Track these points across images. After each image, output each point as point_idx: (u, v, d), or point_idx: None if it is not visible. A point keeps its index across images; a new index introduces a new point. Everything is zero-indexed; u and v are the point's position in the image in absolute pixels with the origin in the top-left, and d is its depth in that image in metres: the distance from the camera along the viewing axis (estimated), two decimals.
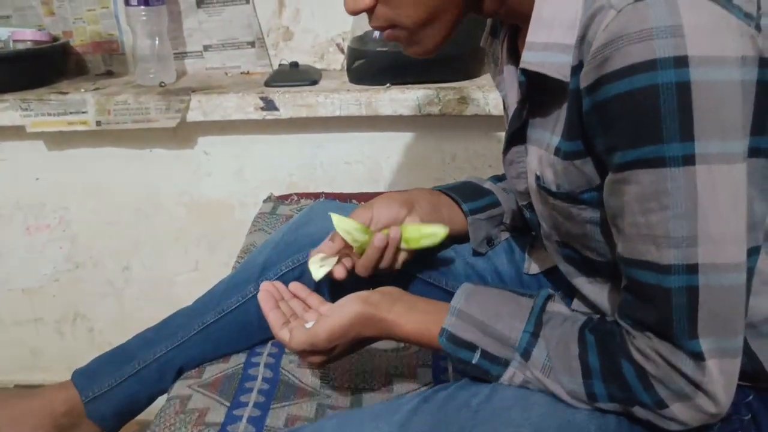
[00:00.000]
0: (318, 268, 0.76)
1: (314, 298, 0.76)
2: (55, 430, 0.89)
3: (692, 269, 0.51)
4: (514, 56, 0.70)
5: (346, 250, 0.77)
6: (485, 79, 1.31)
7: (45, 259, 1.51)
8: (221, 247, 1.48)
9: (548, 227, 0.69)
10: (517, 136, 0.67)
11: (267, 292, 0.74)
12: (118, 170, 1.44)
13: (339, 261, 0.77)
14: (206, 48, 1.49)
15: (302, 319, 0.72)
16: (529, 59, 0.59)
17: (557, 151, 0.60)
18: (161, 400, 0.92)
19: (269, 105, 1.30)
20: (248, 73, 1.48)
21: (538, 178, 0.65)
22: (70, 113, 1.33)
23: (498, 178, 0.91)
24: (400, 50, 1.21)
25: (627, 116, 0.50)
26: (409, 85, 1.27)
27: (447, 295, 0.83)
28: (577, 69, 0.54)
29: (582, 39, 0.53)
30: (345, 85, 1.32)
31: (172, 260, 1.50)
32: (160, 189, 1.45)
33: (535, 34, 0.58)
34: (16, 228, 1.49)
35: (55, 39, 1.45)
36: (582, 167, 0.59)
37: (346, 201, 1.29)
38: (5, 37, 1.42)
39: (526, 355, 0.60)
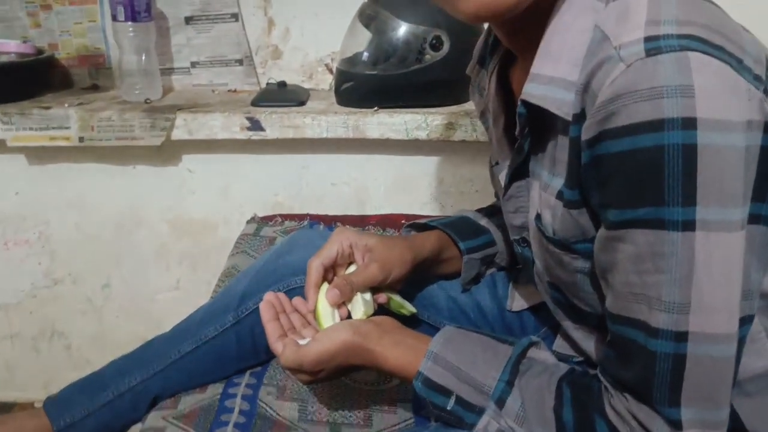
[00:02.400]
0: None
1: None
2: None
3: (681, 337, 0.49)
4: (503, 89, 0.69)
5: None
6: (472, 105, 1.30)
7: (23, 274, 1.48)
8: (204, 265, 1.46)
9: (541, 267, 0.68)
10: (519, 171, 0.65)
11: (269, 303, 0.76)
12: (101, 186, 1.42)
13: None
14: (194, 64, 1.48)
15: (298, 334, 0.74)
16: (532, 91, 0.57)
17: (560, 196, 0.58)
18: (134, 430, 0.91)
19: (255, 125, 1.29)
20: (235, 90, 1.47)
21: (537, 216, 0.63)
22: (53, 128, 1.31)
23: (490, 212, 0.90)
24: (389, 73, 1.23)
25: (627, 174, 0.48)
26: (397, 109, 1.27)
27: (429, 329, 0.82)
28: (579, 117, 0.52)
29: (586, 87, 0.51)
30: (333, 107, 1.31)
31: (153, 278, 1.48)
32: (143, 206, 1.43)
33: (540, 66, 0.56)
34: None
35: (40, 51, 1.43)
36: (578, 217, 0.57)
37: (331, 223, 1.28)
38: None
39: (500, 403, 0.60)
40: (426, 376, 0.63)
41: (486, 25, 0.71)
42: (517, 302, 0.84)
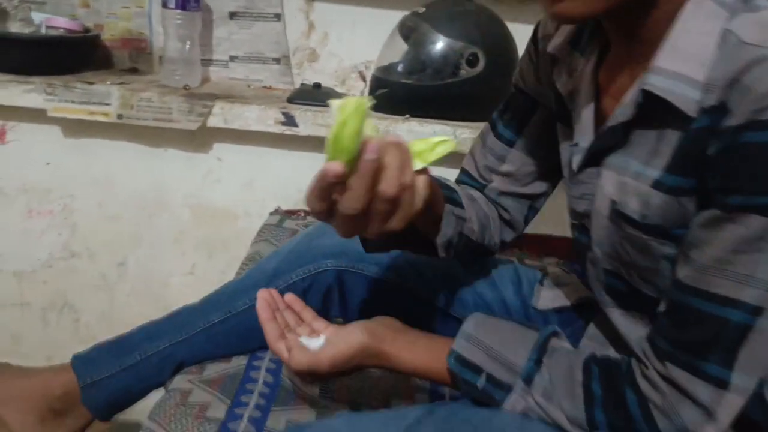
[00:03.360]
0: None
1: (308, 313, 0.75)
2: (48, 412, 0.89)
3: (758, 311, 0.53)
4: (598, 78, 0.69)
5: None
6: None
7: (42, 244, 1.50)
8: (220, 254, 1.48)
9: (602, 253, 0.69)
10: (594, 157, 0.67)
11: (264, 301, 0.73)
12: (130, 165, 1.45)
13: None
14: (232, 58, 1.52)
15: (295, 333, 0.72)
16: (657, 83, 0.58)
17: (657, 185, 0.60)
18: (153, 397, 0.93)
19: (290, 120, 1.33)
20: (270, 87, 1.51)
21: (614, 203, 0.64)
22: (93, 103, 1.34)
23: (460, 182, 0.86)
24: (423, 84, 1.28)
25: (764, 164, 0.52)
26: (428, 119, 1.31)
27: (454, 321, 0.85)
28: (715, 110, 0.54)
29: (732, 83, 0.53)
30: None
31: (168, 261, 1.50)
32: (168, 189, 1.46)
33: (666, 60, 0.58)
34: (17, 210, 1.48)
35: (86, 30, 1.48)
36: (686, 204, 0.59)
37: None
38: (38, 21, 1.44)
39: (528, 380, 0.63)
40: (459, 354, 0.67)
41: None
42: (543, 301, 0.87)
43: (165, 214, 1.47)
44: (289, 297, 0.75)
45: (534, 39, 0.81)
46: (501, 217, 0.86)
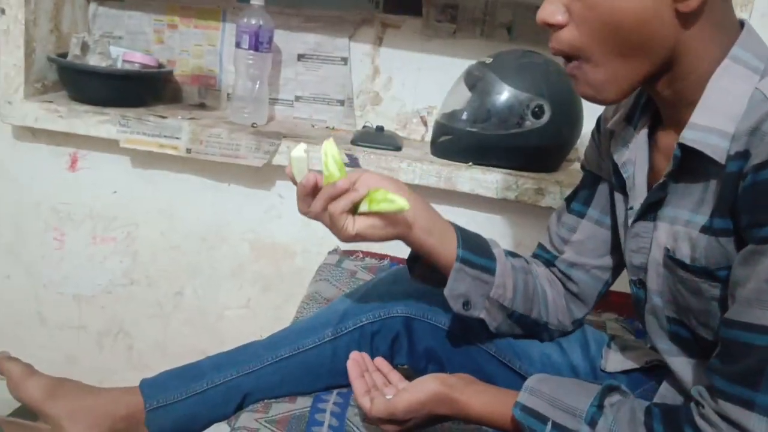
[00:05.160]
0: (298, 152, 0.79)
1: (395, 375, 0.83)
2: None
3: None
4: (650, 145, 0.77)
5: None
6: (564, 174, 1.35)
7: (103, 270, 1.54)
8: (276, 289, 1.50)
9: (663, 302, 0.74)
10: (649, 210, 0.73)
11: (355, 361, 0.82)
12: (193, 198, 1.49)
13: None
14: (297, 98, 1.56)
15: (381, 392, 0.79)
16: (690, 137, 0.66)
17: (705, 229, 0.66)
18: (217, 428, 0.93)
19: (353, 162, 1.35)
20: (333, 128, 1.55)
21: (668, 251, 0.70)
22: (164, 136, 1.39)
23: (512, 254, 0.91)
24: (487, 133, 1.29)
25: None
26: (491, 168, 1.32)
27: (519, 377, 0.85)
28: (741, 155, 0.61)
29: (753, 131, 0.61)
30: (427, 156, 1.38)
31: (225, 294, 1.52)
32: (229, 223, 1.49)
33: (699, 116, 0.66)
34: (83, 235, 1.53)
35: (160, 65, 1.53)
36: (726, 245, 0.64)
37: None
38: (115, 55, 1.50)
39: (592, 424, 0.66)
40: (524, 404, 0.71)
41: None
42: (612, 363, 0.87)
43: (224, 247, 1.50)
44: (379, 360, 0.84)
45: (597, 124, 0.90)
46: (569, 290, 0.90)
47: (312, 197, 0.78)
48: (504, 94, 1.29)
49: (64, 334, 1.59)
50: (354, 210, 0.77)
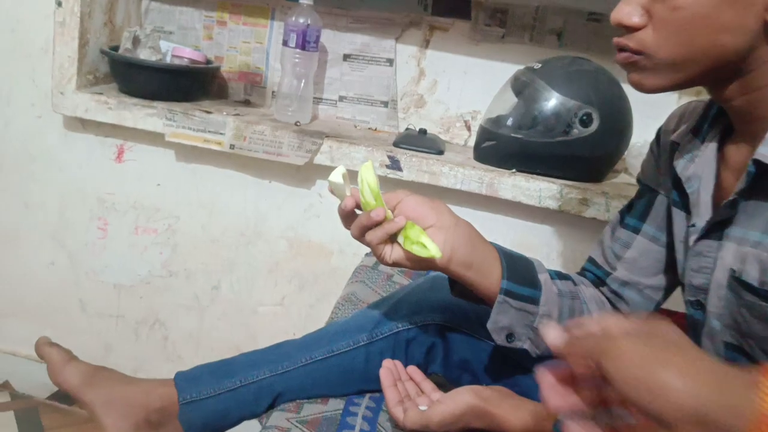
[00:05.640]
0: (337, 175, 0.79)
1: (428, 384, 0.81)
2: (144, 422, 0.91)
3: None
4: (718, 159, 0.74)
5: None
6: (609, 186, 1.32)
7: (143, 261, 1.56)
8: (311, 288, 1.50)
9: (721, 326, 0.70)
10: (715, 229, 0.69)
11: (388, 370, 0.82)
12: (234, 193, 1.50)
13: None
14: (341, 98, 1.56)
15: (414, 402, 0.78)
16: (766, 152, 0.62)
17: None
18: (246, 426, 0.93)
19: (395, 164, 1.34)
20: (376, 129, 1.54)
21: (734, 272, 0.66)
22: (209, 132, 1.40)
23: (561, 275, 0.88)
24: (532, 140, 1.27)
25: None
26: (534, 175, 1.30)
27: None
28: None
29: None
30: (470, 161, 1.36)
31: (260, 290, 1.53)
32: (268, 219, 1.49)
33: None
34: (126, 225, 1.55)
35: (208, 61, 1.55)
36: None
37: None
38: (165, 50, 1.52)
39: None
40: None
41: (707, 98, 0.77)
42: None
43: (262, 244, 1.51)
44: (412, 369, 0.83)
45: (657, 136, 0.87)
46: (619, 311, 0.87)
47: (352, 219, 0.78)
48: (552, 101, 1.26)
49: (103, 322, 1.62)
50: (394, 236, 0.76)
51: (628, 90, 1.31)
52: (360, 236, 0.78)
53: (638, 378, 0.43)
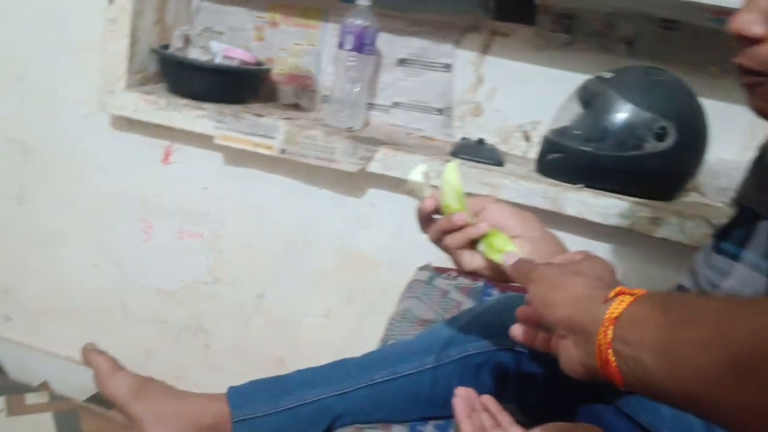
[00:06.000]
0: (416, 175, 0.76)
1: (504, 417, 0.73)
2: None
3: None
4: None
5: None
6: (683, 205, 1.24)
7: (187, 265, 1.52)
8: (359, 300, 1.45)
9: None
10: None
11: (463, 398, 0.74)
12: (282, 200, 1.45)
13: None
14: (395, 104, 1.50)
15: None
16: None
17: None
18: None
19: None
20: (430, 138, 1.48)
21: None
22: (259, 135, 1.35)
23: None
24: (602, 153, 1.20)
25: None
26: (602, 192, 1.22)
27: None
28: None
29: None
30: (533, 174, 1.29)
31: (306, 300, 1.48)
32: (316, 228, 1.44)
33: None
34: (170, 229, 1.52)
35: (259, 63, 1.51)
36: None
37: (505, 290, 1.24)
38: (215, 50, 1.48)
39: None
40: None
41: None
42: None
43: (309, 253, 1.46)
44: (486, 398, 0.75)
45: (761, 155, 0.80)
46: None
47: (430, 221, 0.72)
48: (624, 113, 1.18)
49: (144, 327, 1.58)
50: (474, 242, 0.71)
51: (706, 104, 1.24)
52: (438, 240, 0.74)
53: (541, 296, 0.57)
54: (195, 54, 1.46)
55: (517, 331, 0.65)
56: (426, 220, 0.76)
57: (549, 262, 0.64)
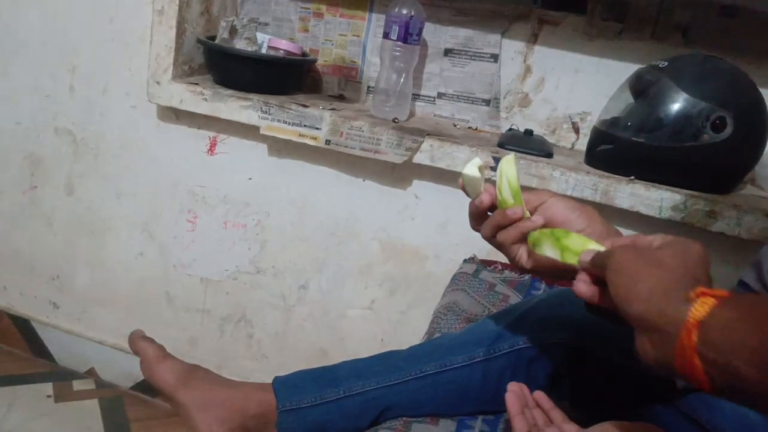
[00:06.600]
0: (471, 169, 0.73)
1: (557, 414, 0.71)
2: (240, 429, 0.86)
3: None
4: None
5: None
6: (740, 198, 1.20)
7: (232, 256, 1.53)
8: (403, 293, 1.43)
9: None
10: None
11: (515, 394, 0.72)
12: (326, 191, 1.44)
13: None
14: (440, 95, 1.48)
15: None
16: None
17: None
18: None
19: (496, 163, 1.25)
20: (476, 129, 1.46)
21: None
22: (305, 126, 1.35)
23: None
24: (656, 145, 1.16)
25: None
26: (656, 184, 1.19)
27: None
28: None
29: None
30: (582, 166, 1.26)
31: (349, 292, 1.47)
32: (361, 219, 1.43)
33: None
34: (215, 219, 1.53)
35: (304, 54, 1.50)
36: None
37: (553, 284, 1.21)
38: (260, 41, 1.48)
39: None
40: None
41: None
42: None
43: (353, 244, 1.45)
44: (539, 395, 0.73)
45: None
46: None
47: (484, 218, 0.70)
48: (680, 102, 1.15)
49: (189, 316, 1.60)
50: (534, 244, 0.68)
51: (766, 95, 1.19)
52: (491, 236, 0.71)
53: (619, 285, 0.54)
54: (241, 45, 1.46)
55: (582, 286, 0.61)
56: (478, 216, 0.73)
57: (626, 245, 0.62)
